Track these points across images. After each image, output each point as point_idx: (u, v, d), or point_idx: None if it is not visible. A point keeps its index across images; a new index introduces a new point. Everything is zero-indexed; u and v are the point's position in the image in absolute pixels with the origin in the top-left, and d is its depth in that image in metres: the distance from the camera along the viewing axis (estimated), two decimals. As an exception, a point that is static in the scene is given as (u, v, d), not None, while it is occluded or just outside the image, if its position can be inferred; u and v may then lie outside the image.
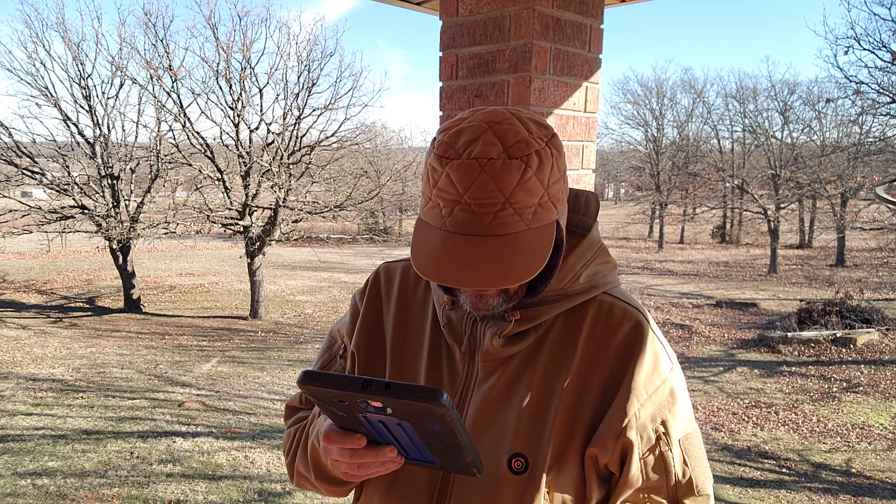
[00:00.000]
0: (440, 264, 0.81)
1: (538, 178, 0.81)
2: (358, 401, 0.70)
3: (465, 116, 0.86)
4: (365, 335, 1.06)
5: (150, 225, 14.97)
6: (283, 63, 17.27)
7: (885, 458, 7.44)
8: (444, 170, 0.81)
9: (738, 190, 26.48)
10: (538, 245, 0.82)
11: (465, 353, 0.96)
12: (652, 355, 0.92)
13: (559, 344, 0.93)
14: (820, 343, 11.92)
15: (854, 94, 14.71)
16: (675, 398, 0.92)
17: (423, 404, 0.67)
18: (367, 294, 1.09)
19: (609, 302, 0.96)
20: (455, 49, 1.98)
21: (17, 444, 6.69)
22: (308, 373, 0.72)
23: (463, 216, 0.81)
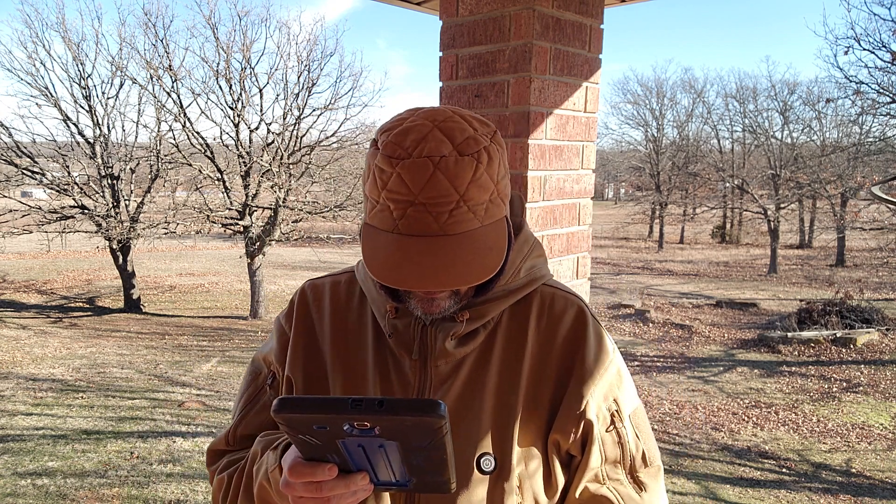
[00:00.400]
0: (400, 269, 0.78)
1: (489, 173, 0.81)
2: (343, 424, 0.65)
3: (406, 116, 0.85)
4: (300, 359, 0.99)
5: (150, 225, 14.97)
6: (283, 63, 17.29)
7: (885, 458, 7.43)
8: (395, 170, 0.79)
9: (738, 190, 26.48)
10: (494, 241, 0.82)
11: (417, 361, 0.93)
12: (597, 338, 0.96)
13: (509, 339, 0.94)
14: (820, 343, 11.92)
15: (854, 94, 14.72)
16: (621, 376, 0.96)
17: (419, 418, 0.63)
18: (294, 315, 1.02)
19: (550, 293, 0.98)
20: (455, 49, 1.98)
21: (17, 444, 6.69)
22: (285, 400, 0.65)
23: (417, 217, 0.79)
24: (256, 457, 0.94)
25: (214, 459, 1.03)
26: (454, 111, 0.85)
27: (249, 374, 1.06)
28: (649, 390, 9.85)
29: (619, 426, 0.95)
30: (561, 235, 1.99)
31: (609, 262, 24.26)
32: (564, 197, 1.98)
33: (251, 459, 0.95)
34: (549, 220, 1.94)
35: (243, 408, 1.03)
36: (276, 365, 1.02)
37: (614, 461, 0.94)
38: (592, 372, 0.93)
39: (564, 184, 1.98)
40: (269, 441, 0.93)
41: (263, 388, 1.03)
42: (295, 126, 15.12)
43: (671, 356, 11.81)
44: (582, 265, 2.11)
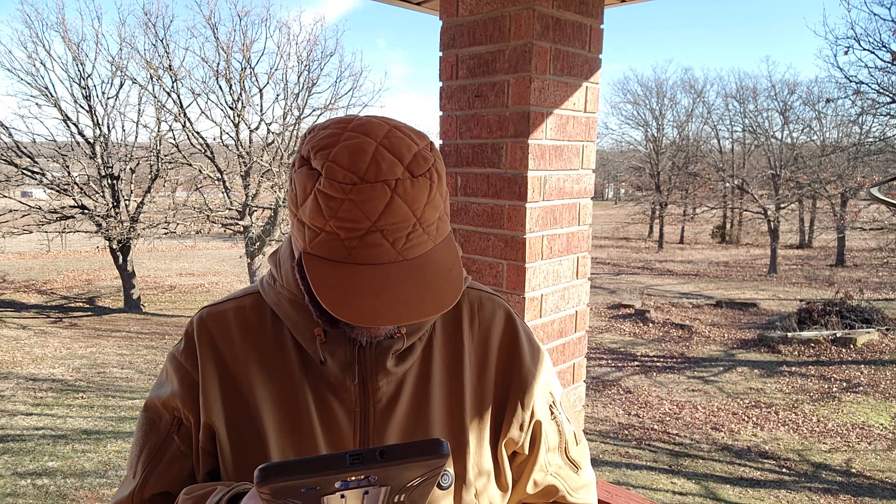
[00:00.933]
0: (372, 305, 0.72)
1: (440, 192, 0.77)
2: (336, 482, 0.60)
3: (337, 131, 0.76)
4: (216, 400, 0.86)
5: (150, 225, 14.98)
6: (283, 63, 17.31)
7: (885, 458, 7.44)
8: (347, 197, 0.72)
9: (738, 190, 26.48)
10: (450, 259, 0.79)
11: (357, 385, 0.86)
12: (527, 336, 0.97)
13: (446, 348, 0.91)
14: (820, 343, 11.92)
15: (854, 94, 14.72)
16: (549, 365, 0.99)
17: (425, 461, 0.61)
18: (199, 351, 0.88)
19: (476, 296, 0.96)
20: (455, 49, 1.98)
21: (17, 444, 6.69)
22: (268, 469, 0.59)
23: (373, 245, 0.73)
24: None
25: None
26: (388, 122, 0.79)
27: (146, 424, 0.90)
28: (649, 390, 9.85)
29: (557, 415, 0.98)
30: (561, 235, 1.99)
31: (609, 262, 24.26)
32: (564, 197, 1.98)
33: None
34: (549, 220, 1.94)
35: (147, 463, 0.88)
36: (181, 410, 0.88)
37: (554, 448, 0.98)
38: (532, 371, 0.94)
39: (564, 184, 1.98)
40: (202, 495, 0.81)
41: (169, 437, 0.89)
42: (295, 126, 15.13)
43: (671, 356, 11.81)
44: (582, 265, 2.11)
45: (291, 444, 0.86)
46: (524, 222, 1.86)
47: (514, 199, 1.88)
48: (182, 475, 0.88)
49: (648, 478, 6.96)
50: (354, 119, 0.79)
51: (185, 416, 0.88)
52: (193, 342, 0.89)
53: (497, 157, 1.91)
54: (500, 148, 1.90)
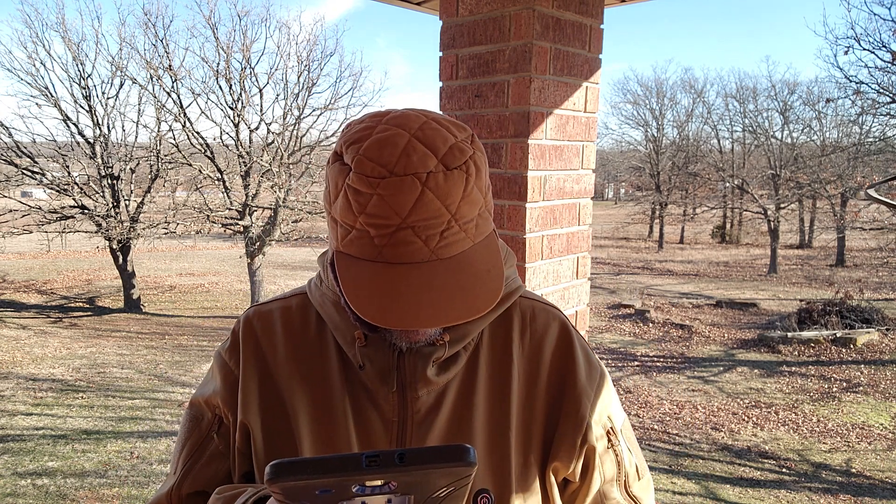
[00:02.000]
0: (396, 306, 0.68)
1: (478, 186, 0.73)
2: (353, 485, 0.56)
3: (371, 124, 0.74)
4: (254, 400, 0.85)
5: (150, 225, 14.98)
6: (283, 63, 17.32)
7: (885, 458, 7.44)
8: (375, 191, 0.68)
9: (738, 190, 26.48)
10: (489, 260, 0.74)
11: (396, 393, 0.83)
12: (584, 352, 0.89)
13: (493, 360, 0.86)
14: (820, 343, 11.92)
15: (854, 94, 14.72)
16: (610, 389, 0.91)
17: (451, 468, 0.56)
18: (241, 348, 0.88)
19: (529, 306, 0.90)
20: (455, 49, 1.98)
21: (17, 444, 6.69)
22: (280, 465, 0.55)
23: (404, 242, 0.69)
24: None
25: None
26: (426, 115, 0.75)
27: (190, 421, 0.90)
28: (649, 390, 9.85)
29: (615, 444, 0.89)
30: (561, 235, 1.99)
31: (609, 262, 24.26)
32: (564, 197, 1.98)
33: None
34: (549, 220, 1.94)
35: (186, 460, 0.88)
36: (222, 408, 0.88)
37: (611, 479, 0.89)
38: (588, 391, 0.86)
39: (564, 184, 1.98)
40: (232, 497, 0.80)
41: (209, 435, 0.88)
42: (295, 126, 15.13)
43: (671, 356, 11.81)
44: (582, 265, 2.11)
45: (325, 450, 0.83)
46: (524, 222, 1.86)
47: (514, 199, 1.88)
48: (220, 475, 0.87)
49: (648, 478, 6.97)
50: (391, 112, 0.76)
51: (224, 415, 0.88)
52: (238, 341, 0.89)
53: (497, 157, 1.91)
54: (500, 148, 1.90)
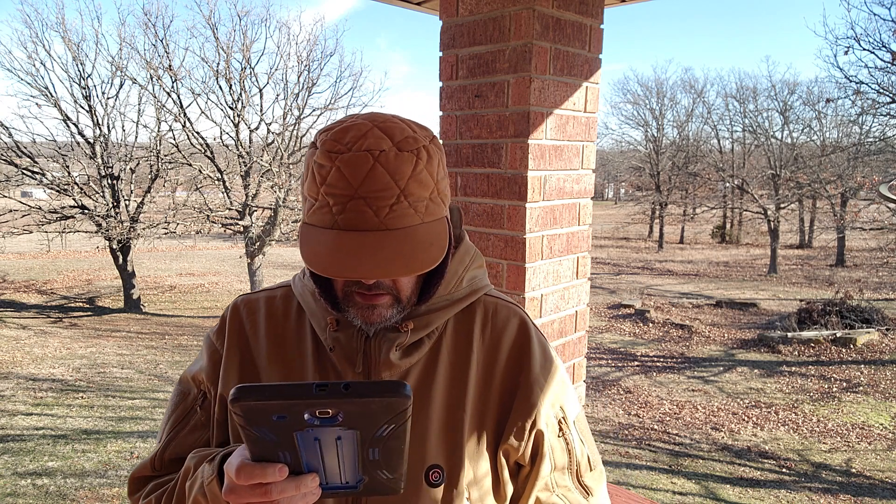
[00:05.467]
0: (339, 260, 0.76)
1: (429, 171, 0.81)
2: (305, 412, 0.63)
3: (346, 119, 0.84)
4: (233, 377, 0.95)
5: (150, 225, 14.98)
6: (283, 63, 17.32)
7: (885, 458, 7.44)
8: (334, 164, 0.78)
9: (738, 190, 26.47)
10: (434, 238, 0.81)
11: (361, 374, 0.90)
12: (540, 346, 0.96)
13: (454, 349, 0.93)
14: (820, 343, 11.92)
15: (854, 94, 14.72)
16: (564, 382, 0.97)
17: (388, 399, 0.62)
18: (227, 331, 0.98)
19: (493, 302, 0.98)
20: (455, 49, 1.98)
21: (17, 444, 6.69)
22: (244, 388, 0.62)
23: (356, 211, 0.78)
24: (189, 473, 0.87)
25: (138, 487, 0.96)
26: (395, 116, 0.85)
27: (177, 395, 1.00)
28: (649, 390, 9.85)
29: (566, 432, 0.96)
30: (561, 235, 1.99)
31: (609, 262, 24.26)
32: (564, 197, 1.98)
33: (182, 476, 0.88)
34: (549, 220, 1.94)
35: (171, 429, 0.98)
36: (206, 383, 0.97)
37: (562, 468, 0.96)
38: (540, 381, 0.93)
39: (564, 184, 1.98)
40: (204, 455, 0.88)
41: (193, 408, 0.98)
42: (295, 126, 15.13)
43: (671, 356, 11.81)
44: (582, 265, 2.11)
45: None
46: (524, 222, 1.86)
47: (514, 199, 1.88)
48: (199, 443, 0.96)
49: (648, 478, 6.96)
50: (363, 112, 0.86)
51: (208, 389, 0.98)
52: (225, 324, 1.00)
53: (497, 157, 1.91)
54: (500, 148, 1.90)
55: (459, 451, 0.89)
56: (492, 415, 0.92)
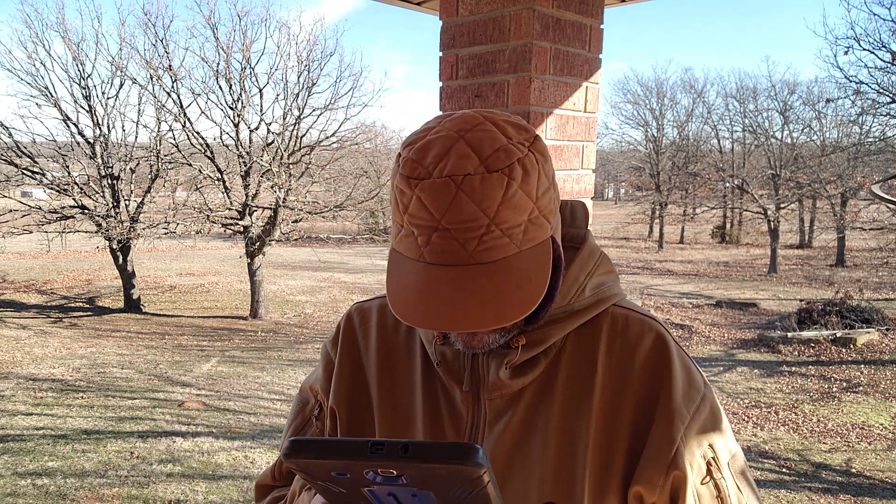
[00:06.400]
0: (422, 305, 0.69)
1: (524, 191, 0.70)
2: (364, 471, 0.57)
3: (432, 126, 0.75)
4: (344, 389, 0.91)
5: (150, 225, 14.97)
6: (283, 63, 17.32)
7: (885, 458, 7.44)
8: (414, 192, 0.70)
9: (738, 190, 26.48)
10: (534, 269, 0.71)
11: (468, 393, 0.82)
12: (683, 369, 0.81)
13: (575, 367, 0.81)
14: (820, 343, 11.92)
15: (854, 94, 14.72)
16: (716, 415, 0.81)
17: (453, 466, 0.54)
18: (340, 341, 0.95)
19: (622, 314, 0.84)
20: (455, 49, 1.98)
21: (17, 444, 6.69)
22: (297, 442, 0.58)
23: (442, 244, 0.69)
24: (294, 497, 0.87)
25: (262, 495, 0.98)
26: (487, 117, 0.74)
27: (297, 405, 0.99)
28: (649, 390, 9.86)
29: (716, 477, 0.78)
30: (561, 235, 1.99)
31: (609, 262, 24.22)
32: (564, 197, 1.98)
33: (290, 499, 0.89)
34: (549, 220, 1.94)
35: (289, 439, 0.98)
36: (321, 395, 0.95)
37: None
38: (682, 410, 0.77)
39: (564, 184, 1.98)
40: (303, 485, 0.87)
41: (310, 419, 0.96)
42: (295, 126, 15.13)
43: (671, 356, 11.81)
44: (582, 265, 2.11)
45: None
46: (524, 222, 1.86)
47: (514, 199, 1.88)
48: None
49: (648, 478, 6.97)
50: (457, 113, 0.76)
51: (323, 401, 0.95)
52: (339, 334, 0.96)
53: (497, 157, 1.91)
54: (500, 148, 1.89)
55: (580, 489, 0.77)
56: (620, 449, 0.78)
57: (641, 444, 0.77)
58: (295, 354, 11.42)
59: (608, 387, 0.80)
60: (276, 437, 7.22)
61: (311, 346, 12.01)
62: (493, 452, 0.81)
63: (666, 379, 0.79)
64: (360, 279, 20.15)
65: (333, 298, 16.92)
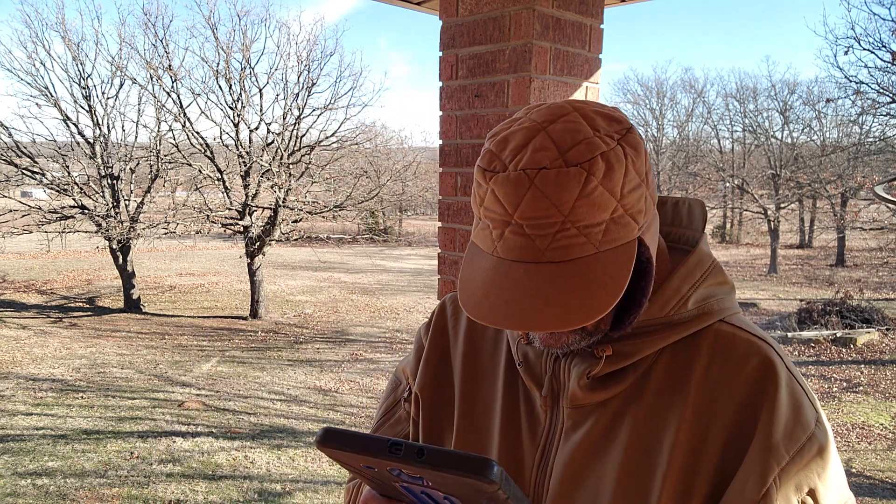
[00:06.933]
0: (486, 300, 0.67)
1: (606, 187, 0.65)
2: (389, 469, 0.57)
3: (519, 116, 0.71)
4: (430, 376, 0.91)
5: (150, 225, 14.97)
6: (282, 63, 17.33)
7: (885, 458, 7.44)
8: (489, 185, 0.67)
9: (738, 190, 26.49)
10: (612, 272, 0.65)
11: (547, 398, 0.79)
12: (791, 401, 0.70)
13: (666, 386, 0.74)
14: (820, 343, 11.92)
15: (854, 94, 14.72)
16: (825, 459, 0.70)
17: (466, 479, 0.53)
18: (431, 328, 0.95)
19: (728, 332, 0.75)
20: (455, 49, 1.98)
21: (17, 444, 6.69)
22: (328, 431, 0.59)
23: (515, 240, 0.66)
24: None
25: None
26: (576, 107, 0.69)
27: (390, 385, 1.00)
28: (649, 390, 9.86)
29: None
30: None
31: (609, 262, 24.19)
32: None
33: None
34: (550, 220, 1.94)
35: (379, 419, 0.99)
36: (410, 378, 0.95)
37: None
38: (780, 448, 0.67)
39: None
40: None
41: (399, 401, 0.97)
42: (295, 126, 15.13)
43: (671, 356, 11.81)
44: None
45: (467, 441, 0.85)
46: (524, 222, 1.85)
47: (514, 199, 1.87)
48: (401, 436, 0.95)
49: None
50: (546, 103, 0.73)
51: (411, 384, 0.95)
52: (432, 321, 0.96)
53: (497, 157, 1.90)
54: (500, 148, 1.89)
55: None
56: (702, 482, 0.70)
57: (727, 480, 0.69)
58: (295, 354, 11.42)
59: (699, 412, 0.71)
60: (276, 437, 7.22)
61: (311, 346, 12.01)
62: (567, 463, 0.76)
63: (767, 410, 0.69)
64: (360, 279, 20.16)
65: (333, 298, 16.92)
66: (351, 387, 9.55)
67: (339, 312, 15.24)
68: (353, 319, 14.53)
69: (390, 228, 33.64)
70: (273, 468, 6.38)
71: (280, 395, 8.96)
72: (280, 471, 6.33)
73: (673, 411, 0.72)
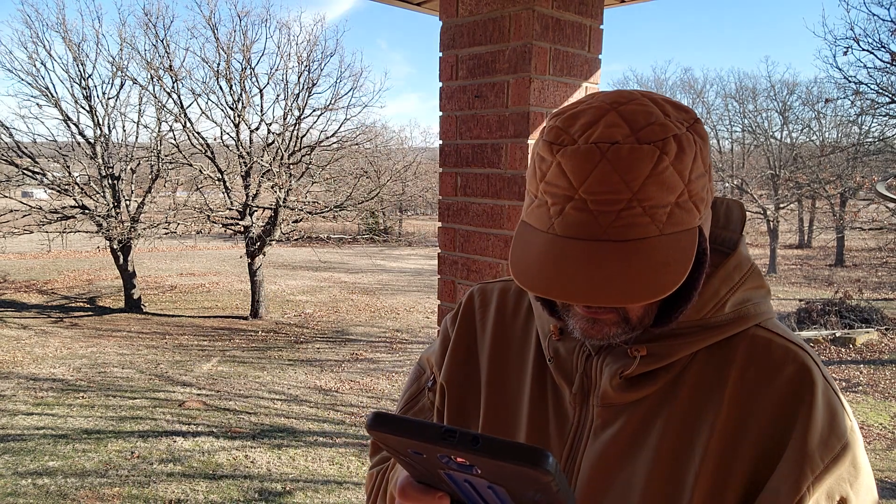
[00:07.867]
0: (544, 273, 0.64)
1: (677, 169, 0.63)
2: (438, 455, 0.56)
3: (584, 99, 0.70)
4: (456, 367, 0.90)
5: (150, 225, 14.99)
6: (283, 63, 17.30)
7: (884, 458, 7.44)
8: (555, 158, 0.65)
9: (737, 190, 26.49)
10: (674, 255, 0.63)
11: (577, 395, 0.77)
12: (827, 410, 0.69)
13: (699, 389, 0.72)
14: (819, 343, 11.93)
15: (853, 94, 14.73)
16: (857, 468, 0.69)
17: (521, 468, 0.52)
18: (458, 319, 0.93)
19: (765, 338, 0.73)
20: (455, 49, 1.99)
21: (17, 444, 6.70)
22: (379, 415, 0.58)
23: (576, 216, 0.64)
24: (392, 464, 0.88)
25: (375, 451, 0.98)
26: (645, 94, 0.69)
27: (414, 373, 0.99)
28: (649, 390, 9.87)
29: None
30: (560, 235, 2.00)
31: (609, 262, 24.19)
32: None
33: (392, 464, 0.89)
34: (549, 220, 1.95)
35: (402, 406, 0.98)
36: (435, 368, 0.94)
37: None
38: (815, 456, 0.66)
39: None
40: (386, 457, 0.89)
41: (423, 389, 0.96)
42: (295, 126, 15.14)
43: (671, 356, 11.82)
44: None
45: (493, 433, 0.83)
46: (524, 221, 1.87)
47: (514, 200, 1.89)
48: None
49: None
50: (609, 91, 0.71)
51: (436, 373, 0.94)
52: (459, 311, 0.95)
53: (497, 158, 1.92)
54: (500, 148, 1.91)
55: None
56: (735, 486, 0.68)
57: (759, 487, 0.68)
58: (295, 354, 11.43)
59: (732, 418, 0.70)
60: (276, 437, 7.23)
61: (312, 346, 12.02)
62: (595, 462, 0.75)
63: (802, 418, 0.68)
64: (361, 279, 20.16)
65: (333, 298, 16.93)
66: (351, 386, 9.57)
67: (340, 312, 15.25)
68: (353, 319, 14.54)
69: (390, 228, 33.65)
70: (273, 468, 6.39)
71: (280, 394, 8.97)
72: (280, 470, 6.34)
73: (706, 416, 0.71)
